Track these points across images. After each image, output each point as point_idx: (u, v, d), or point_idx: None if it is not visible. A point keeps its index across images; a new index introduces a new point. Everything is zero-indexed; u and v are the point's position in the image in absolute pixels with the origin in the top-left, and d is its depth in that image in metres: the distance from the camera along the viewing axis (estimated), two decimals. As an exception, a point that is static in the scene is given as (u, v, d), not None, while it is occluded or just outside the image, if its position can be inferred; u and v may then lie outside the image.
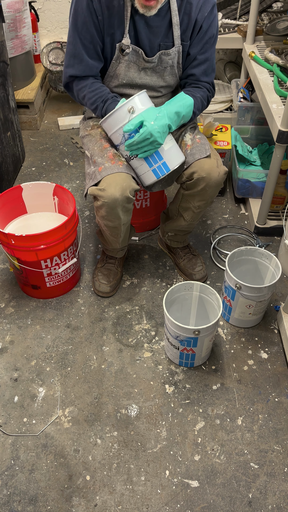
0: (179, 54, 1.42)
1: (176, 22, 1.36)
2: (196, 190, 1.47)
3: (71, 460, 1.31)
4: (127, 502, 1.23)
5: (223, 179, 1.47)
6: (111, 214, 1.42)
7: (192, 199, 1.52)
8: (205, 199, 1.51)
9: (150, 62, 1.41)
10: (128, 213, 1.48)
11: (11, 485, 1.26)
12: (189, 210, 1.57)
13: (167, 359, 1.55)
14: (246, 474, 1.28)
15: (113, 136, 1.39)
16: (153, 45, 1.39)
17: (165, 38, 1.39)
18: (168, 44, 1.40)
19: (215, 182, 1.44)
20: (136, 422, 1.39)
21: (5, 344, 1.60)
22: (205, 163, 1.42)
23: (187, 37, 1.40)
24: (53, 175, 2.37)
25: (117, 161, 1.40)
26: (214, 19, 1.41)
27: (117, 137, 1.38)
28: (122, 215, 1.44)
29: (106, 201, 1.37)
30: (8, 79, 2.14)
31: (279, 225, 1.97)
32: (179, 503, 1.23)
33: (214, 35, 1.43)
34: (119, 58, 1.40)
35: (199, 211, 1.57)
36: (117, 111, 1.32)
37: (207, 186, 1.45)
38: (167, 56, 1.41)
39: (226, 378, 1.50)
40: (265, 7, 2.37)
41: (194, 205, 1.54)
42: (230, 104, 2.60)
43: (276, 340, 1.61)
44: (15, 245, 1.51)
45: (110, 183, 1.36)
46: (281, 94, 1.76)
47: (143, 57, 1.39)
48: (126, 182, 1.37)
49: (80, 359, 1.55)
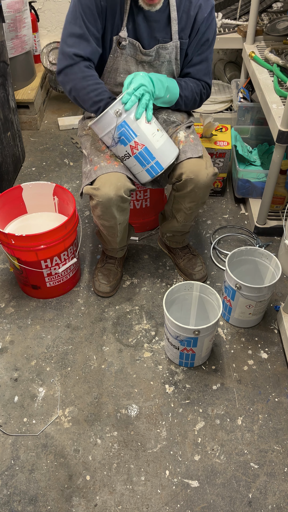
0: (177, 49, 1.42)
1: (174, 17, 1.37)
2: (185, 191, 1.47)
3: (71, 460, 1.31)
4: (127, 502, 1.23)
5: (212, 181, 1.46)
6: (106, 214, 1.42)
7: (182, 200, 1.53)
8: (195, 200, 1.50)
9: (147, 55, 1.40)
10: (124, 212, 1.47)
11: (11, 485, 1.26)
12: (181, 212, 1.58)
13: (167, 359, 1.55)
14: (246, 474, 1.28)
15: (104, 138, 1.39)
16: (151, 39, 1.39)
17: (163, 32, 1.39)
18: (166, 39, 1.40)
19: (203, 184, 1.44)
20: (136, 422, 1.39)
21: (5, 344, 1.60)
22: (194, 164, 1.42)
23: (185, 35, 1.41)
24: (53, 175, 2.37)
25: (113, 161, 1.41)
26: (212, 22, 1.42)
27: (107, 140, 1.38)
28: (117, 215, 1.44)
29: (100, 200, 1.37)
30: (8, 79, 2.14)
31: (279, 225, 1.97)
32: (179, 503, 1.23)
33: (212, 38, 1.44)
34: (116, 52, 1.40)
35: (190, 212, 1.57)
36: (104, 115, 1.31)
37: (196, 188, 1.44)
38: (165, 50, 1.41)
39: (226, 378, 1.50)
40: (265, 7, 2.37)
41: (185, 206, 1.54)
42: (230, 104, 2.60)
43: (276, 340, 1.61)
44: (15, 245, 1.51)
45: (105, 182, 1.36)
46: (281, 94, 1.76)
47: (140, 49, 1.39)
48: (120, 182, 1.37)
49: (80, 359, 1.55)
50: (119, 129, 1.32)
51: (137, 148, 1.35)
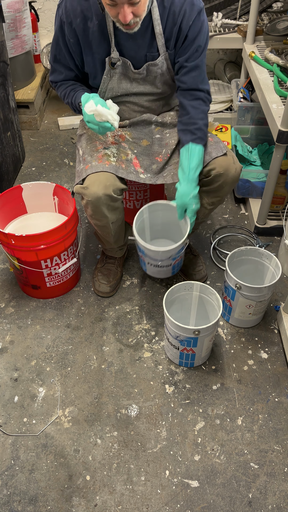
0: (167, 61, 1.40)
1: (159, 32, 1.32)
2: (213, 186, 1.47)
3: (71, 460, 1.31)
4: (127, 502, 1.23)
5: (239, 175, 1.48)
6: (96, 213, 1.43)
7: (206, 196, 1.52)
8: (220, 195, 1.51)
9: (139, 73, 1.40)
10: (116, 211, 1.47)
11: (11, 485, 1.26)
12: (201, 207, 1.55)
13: (167, 359, 1.55)
14: (246, 474, 1.28)
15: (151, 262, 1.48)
16: (139, 57, 1.37)
17: (150, 48, 1.36)
18: (154, 55, 1.37)
19: (232, 178, 1.45)
20: (136, 422, 1.39)
21: (5, 344, 1.60)
22: (222, 160, 1.42)
23: (171, 45, 1.36)
24: (53, 175, 2.37)
25: (105, 160, 1.40)
26: (202, 26, 1.33)
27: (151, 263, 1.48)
28: (108, 214, 1.44)
29: (89, 200, 1.38)
30: (8, 79, 2.14)
31: (279, 225, 1.97)
32: (179, 503, 1.23)
33: (203, 43, 1.36)
34: (109, 72, 1.39)
35: (212, 208, 1.56)
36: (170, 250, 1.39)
37: (224, 183, 1.45)
38: (155, 67, 1.39)
39: (226, 378, 1.50)
40: (265, 7, 2.37)
41: (208, 202, 1.53)
42: (230, 104, 2.60)
43: (276, 340, 1.61)
44: (15, 245, 1.51)
45: (94, 181, 1.36)
46: (281, 94, 1.76)
47: (131, 69, 1.38)
48: (109, 181, 1.37)
49: (80, 359, 1.55)
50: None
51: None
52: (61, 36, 1.36)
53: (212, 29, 2.32)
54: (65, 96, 1.47)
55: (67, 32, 1.33)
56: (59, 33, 1.36)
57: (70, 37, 1.34)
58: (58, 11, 1.34)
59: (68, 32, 1.33)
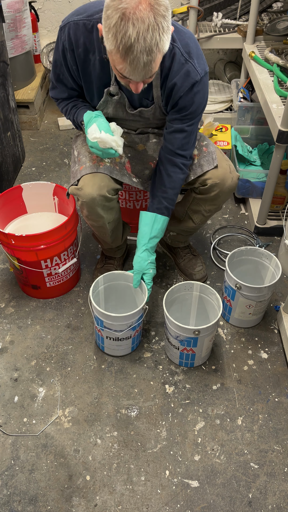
0: (161, 109, 1.36)
1: (156, 84, 1.29)
2: (209, 195, 1.47)
3: (71, 460, 1.31)
4: (127, 502, 1.23)
5: (236, 185, 1.47)
6: (92, 214, 1.43)
7: (203, 203, 1.52)
8: (217, 204, 1.51)
9: (133, 114, 1.39)
10: (112, 211, 1.46)
11: (11, 485, 1.26)
12: (198, 213, 1.57)
13: (167, 359, 1.55)
14: (246, 474, 1.28)
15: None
16: (134, 100, 1.35)
17: (146, 95, 1.33)
18: (148, 102, 1.35)
19: (229, 188, 1.45)
20: (136, 422, 1.39)
21: (5, 344, 1.60)
22: (218, 170, 1.42)
23: (164, 101, 1.33)
24: (53, 175, 2.37)
25: (99, 161, 1.40)
26: (196, 97, 1.27)
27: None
28: (104, 214, 1.43)
29: (84, 201, 1.38)
30: (8, 79, 2.14)
31: (279, 225, 1.97)
32: (179, 503, 1.23)
33: (195, 113, 1.30)
34: (107, 101, 1.36)
35: (209, 215, 1.57)
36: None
37: (221, 192, 1.45)
38: (148, 112, 1.38)
39: (226, 378, 1.50)
40: (265, 7, 2.37)
41: (204, 209, 1.54)
42: (230, 104, 2.60)
43: (276, 340, 1.61)
44: (15, 245, 1.51)
45: (88, 182, 1.36)
46: (281, 94, 1.76)
47: (127, 105, 1.36)
48: (104, 182, 1.37)
49: (80, 359, 1.55)
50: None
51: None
52: (63, 60, 1.31)
53: (212, 29, 2.33)
54: (66, 112, 1.45)
55: (69, 58, 1.29)
56: (62, 57, 1.31)
57: (72, 63, 1.30)
58: (61, 35, 1.27)
59: (70, 58, 1.29)
